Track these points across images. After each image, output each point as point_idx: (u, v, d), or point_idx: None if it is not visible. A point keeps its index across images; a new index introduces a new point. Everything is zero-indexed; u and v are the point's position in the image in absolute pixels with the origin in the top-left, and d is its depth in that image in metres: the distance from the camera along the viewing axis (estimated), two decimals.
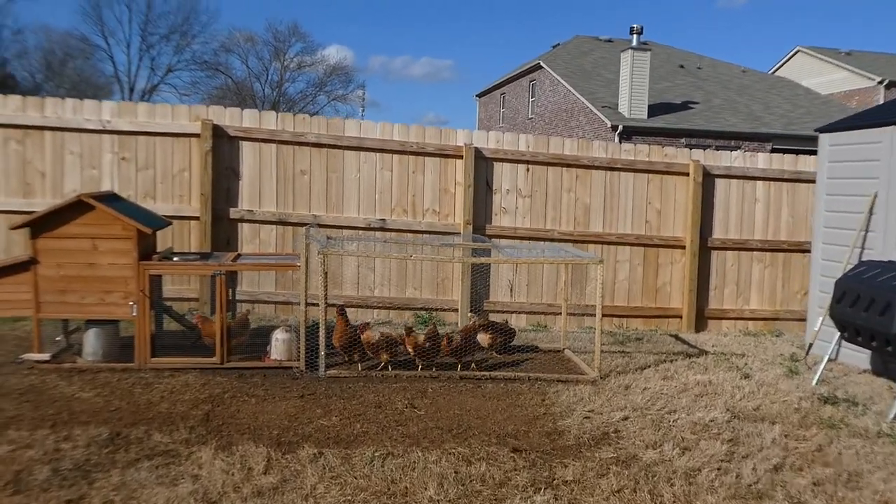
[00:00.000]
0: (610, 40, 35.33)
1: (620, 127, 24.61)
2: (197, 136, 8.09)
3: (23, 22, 76.68)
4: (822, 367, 6.39)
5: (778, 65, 41.08)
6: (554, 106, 31.01)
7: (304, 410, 5.25)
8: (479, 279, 8.71)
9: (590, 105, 26.92)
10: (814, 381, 6.33)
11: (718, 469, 4.45)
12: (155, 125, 8.09)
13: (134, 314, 5.90)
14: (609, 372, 6.58)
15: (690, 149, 9.29)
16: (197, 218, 8.15)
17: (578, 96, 27.99)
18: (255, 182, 8.33)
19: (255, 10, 78.99)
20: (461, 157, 8.54)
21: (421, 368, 6.34)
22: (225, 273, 6.06)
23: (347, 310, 8.58)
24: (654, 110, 25.98)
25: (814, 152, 8.34)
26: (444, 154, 8.57)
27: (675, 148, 9.27)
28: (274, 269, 8.01)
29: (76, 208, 5.82)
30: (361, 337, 6.27)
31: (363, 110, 55.02)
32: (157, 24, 52.29)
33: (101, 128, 8.01)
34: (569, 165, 8.83)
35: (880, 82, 34.81)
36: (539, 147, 8.76)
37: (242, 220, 8.33)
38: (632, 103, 25.51)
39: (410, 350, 6.29)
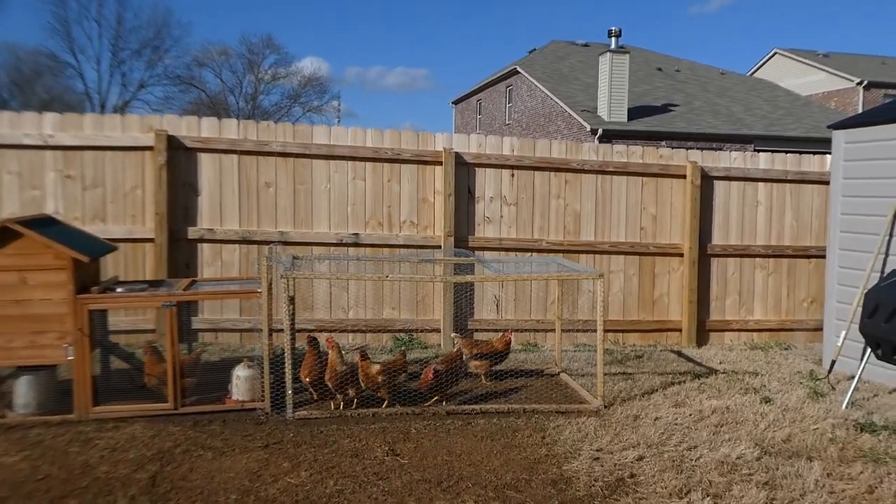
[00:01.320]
0: (587, 45, 34.92)
1: (600, 131, 24.09)
2: (150, 148, 7.33)
3: None
4: (851, 388, 5.74)
5: (756, 67, 40.98)
6: (532, 111, 30.47)
7: (269, 464, 4.50)
8: (463, 296, 8.01)
9: (568, 109, 26.39)
10: (844, 405, 5.68)
11: None
12: (103, 138, 7.31)
13: (70, 357, 5.12)
14: (613, 399, 5.90)
15: (687, 150, 8.66)
16: (152, 240, 7.37)
17: (557, 100, 27.46)
18: (215, 198, 7.58)
19: (229, 22, 78.02)
20: (440, 163, 7.85)
21: (402, 404, 5.61)
22: (175, 304, 5.31)
23: (320, 334, 7.90)
24: (633, 113, 25.52)
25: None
26: (422, 160, 7.88)
27: (670, 149, 8.64)
28: (231, 297, 7.23)
29: (1, 236, 5.04)
30: (328, 364, 5.53)
31: (339, 121, 54.14)
32: (128, 39, 51.16)
33: (42, 143, 7.21)
34: (557, 169, 8.17)
35: (859, 83, 34.77)
36: (525, 150, 8.10)
37: (202, 241, 7.57)
38: (611, 107, 25.01)
39: (363, 384, 5.53)
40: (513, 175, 8.10)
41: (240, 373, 5.60)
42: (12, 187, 7.22)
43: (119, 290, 5.44)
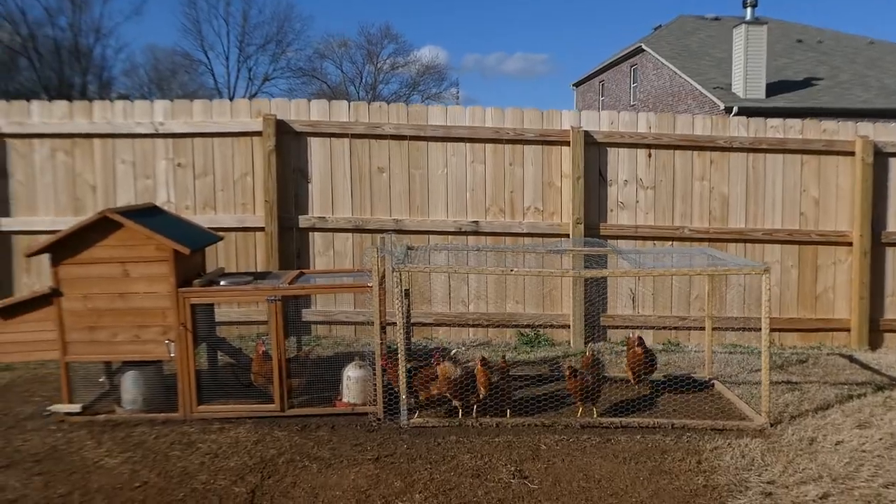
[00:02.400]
0: (717, 18, 32.70)
1: (735, 109, 22.28)
2: (259, 134, 7.00)
3: (124, 40, 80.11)
4: None
5: None
6: (658, 90, 28.83)
7: (379, 482, 3.96)
8: (595, 289, 7.23)
9: (699, 87, 24.67)
10: None
11: None
12: (212, 124, 7.04)
13: (172, 354, 4.79)
14: (779, 415, 4.99)
15: (856, 122, 7.45)
16: (262, 229, 7.05)
17: (686, 78, 25.76)
18: (326, 184, 7.16)
19: (348, 14, 79.21)
20: (567, 143, 7.08)
21: (528, 414, 4.94)
22: (281, 298, 4.87)
23: (439, 329, 7.38)
24: (772, 89, 23.52)
25: None
26: (547, 141, 7.14)
27: (835, 122, 7.47)
28: (339, 292, 6.77)
29: (102, 227, 4.76)
30: (439, 372, 4.94)
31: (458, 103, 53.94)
32: (254, 35, 53.00)
33: (153, 131, 7.03)
34: (701, 148, 7.20)
35: None
36: (663, 127, 7.19)
37: (313, 229, 7.18)
38: (747, 83, 23.14)
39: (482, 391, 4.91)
40: (650, 155, 7.21)
41: (351, 373, 5.11)
42: (126, 177, 7.09)
43: (223, 283, 5.07)
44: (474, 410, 4.88)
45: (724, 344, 7.25)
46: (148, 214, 5.12)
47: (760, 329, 7.26)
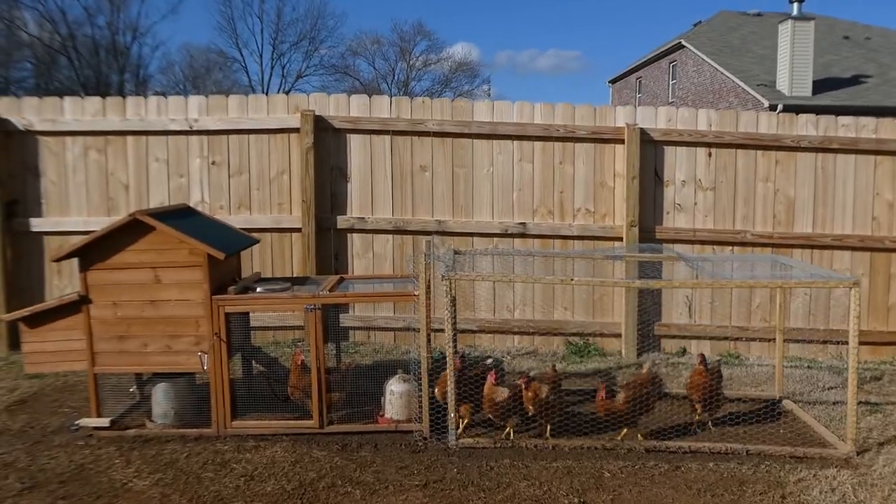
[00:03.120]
0: (759, 14, 31.84)
1: (780, 106, 21.55)
2: (296, 130, 6.69)
3: (161, 38, 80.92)
4: None
5: None
6: (699, 87, 28.12)
7: None
8: (648, 297, 6.79)
9: (742, 84, 23.97)
10: None
11: None
12: (248, 121, 6.75)
13: (205, 367, 4.48)
14: (864, 441, 4.53)
15: None
16: (299, 230, 6.74)
17: (728, 75, 25.06)
18: (365, 183, 6.83)
19: (381, 11, 79.22)
20: (622, 140, 6.66)
21: (585, 434, 4.54)
22: (320, 307, 4.53)
23: (483, 336, 7.00)
24: (818, 87, 22.75)
25: None
26: (600, 138, 6.72)
27: None
28: (383, 300, 6.42)
29: (132, 230, 4.47)
30: (484, 393, 4.56)
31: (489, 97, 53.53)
32: (287, 33, 53.15)
33: (187, 128, 6.75)
34: (766, 147, 6.73)
35: None
36: (725, 125, 6.72)
37: (352, 230, 6.85)
38: (793, 80, 22.41)
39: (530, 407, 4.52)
40: (710, 154, 6.75)
41: (394, 387, 4.77)
42: (160, 175, 6.83)
43: (259, 289, 4.75)
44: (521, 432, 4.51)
45: (787, 357, 6.76)
46: (181, 216, 4.82)
47: (828, 341, 6.87)
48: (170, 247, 4.46)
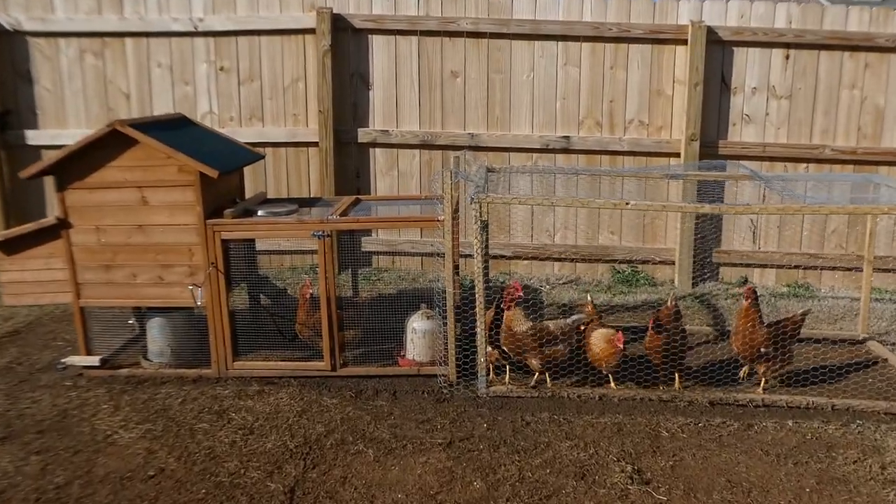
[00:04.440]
0: None
1: None
2: (312, 31, 5.91)
3: None
4: None
5: None
6: None
7: (454, 480, 3.05)
8: (707, 220, 6.03)
9: None
10: None
11: None
12: (259, 20, 5.98)
13: (199, 302, 3.92)
14: None
15: None
16: (316, 144, 6.06)
17: None
18: (390, 91, 6.07)
19: None
20: (684, 41, 5.75)
21: (637, 383, 3.92)
22: (329, 234, 3.90)
23: (519, 262, 6.35)
24: None
25: None
26: (659, 39, 5.82)
27: None
28: (400, 226, 5.73)
29: (113, 143, 3.84)
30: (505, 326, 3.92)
31: None
32: None
33: (192, 29, 6.01)
34: (854, 48, 5.75)
35: None
36: (808, 21, 5.75)
37: (375, 145, 6.14)
38: None
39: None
40: (787, 56, 5.82)
41: (416, 325, 4.17)
42: (163, 83, 6.15)
43: (260, 212, 4.12)
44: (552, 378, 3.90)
45: (860, 287, 5.99)
46: (171, 127, 4.17)
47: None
48: (156, 163, 3.84)
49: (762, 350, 3.77)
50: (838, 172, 5.82)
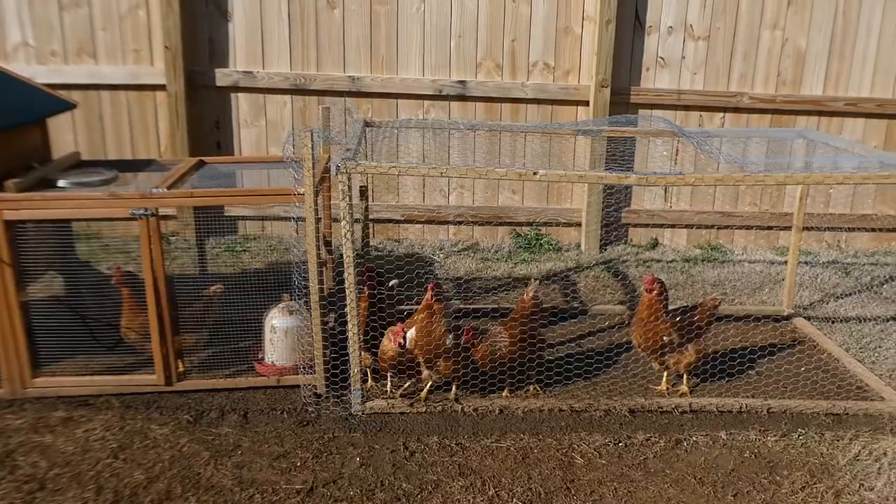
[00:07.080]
0: None
1: None
2: None
3: None
4: None
5: None
6: None
7: None
8: None
9: None
10: None
11: None
12: None
13: None
14: None
15: None
16: (164, 87, 5.01)
17: None
18: (254, 24, 5.05)
19: None
20: None
21: (546, 386, 3.26)
22: (155, 213, 2.98)
23: (409, 227, 5.58)
24: None
25: None
26: None
27: None
28: (242, 203, 4.63)
29: None
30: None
31: None
32: None
33: None
34: None
35: None
36: None
37: (237, 89, 5.15)
38: None
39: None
40: None
41: (276, 321, 3.34)
42: None
43: (62, 182, 3.13)
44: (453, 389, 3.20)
45: (776, 248, 5.59)
46: None
47: (825, 228, 5.70)
48: None
49: (668, 348, 3.19)
50: (756, 126, 5.32)
